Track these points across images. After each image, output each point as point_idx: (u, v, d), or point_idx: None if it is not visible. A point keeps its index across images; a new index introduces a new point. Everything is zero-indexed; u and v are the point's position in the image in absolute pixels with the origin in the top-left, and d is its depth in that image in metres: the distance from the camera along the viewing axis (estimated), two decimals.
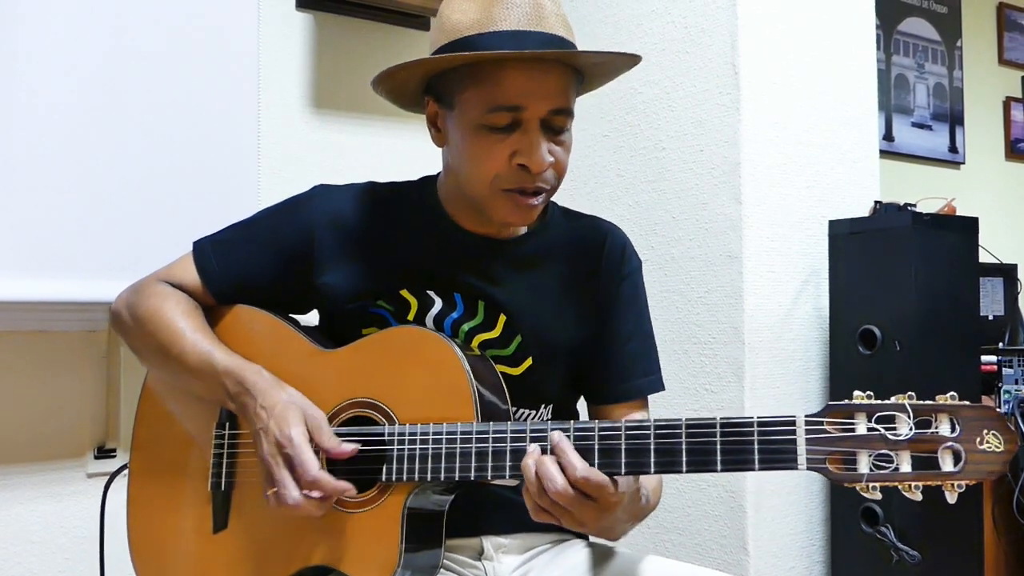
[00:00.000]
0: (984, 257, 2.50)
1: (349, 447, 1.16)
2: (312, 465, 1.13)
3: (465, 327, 1.30)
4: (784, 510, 2.26)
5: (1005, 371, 2.66)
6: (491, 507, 1.31)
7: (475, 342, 1.30)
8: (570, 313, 1.33)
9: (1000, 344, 2.88)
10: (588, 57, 1.22)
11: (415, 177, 1.41)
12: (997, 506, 2.58)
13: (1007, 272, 3.21)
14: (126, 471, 1.40)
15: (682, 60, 2.38)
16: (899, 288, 2.15)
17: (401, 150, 2.46)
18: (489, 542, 1.33)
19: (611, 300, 1.35)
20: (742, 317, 2.23)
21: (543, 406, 1.34)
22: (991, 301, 3.13)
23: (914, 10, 3.89)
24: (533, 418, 1.32)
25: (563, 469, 1.05)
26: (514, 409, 1.27)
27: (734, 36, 2.26)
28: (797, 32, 2.36)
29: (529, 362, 1.31)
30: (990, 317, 3.10)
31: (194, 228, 1.48)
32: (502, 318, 1.30)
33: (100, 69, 1.89)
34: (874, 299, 2.19)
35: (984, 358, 2.48)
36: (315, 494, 1.13)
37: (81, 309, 2.03)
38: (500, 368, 1.28)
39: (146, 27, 1.94)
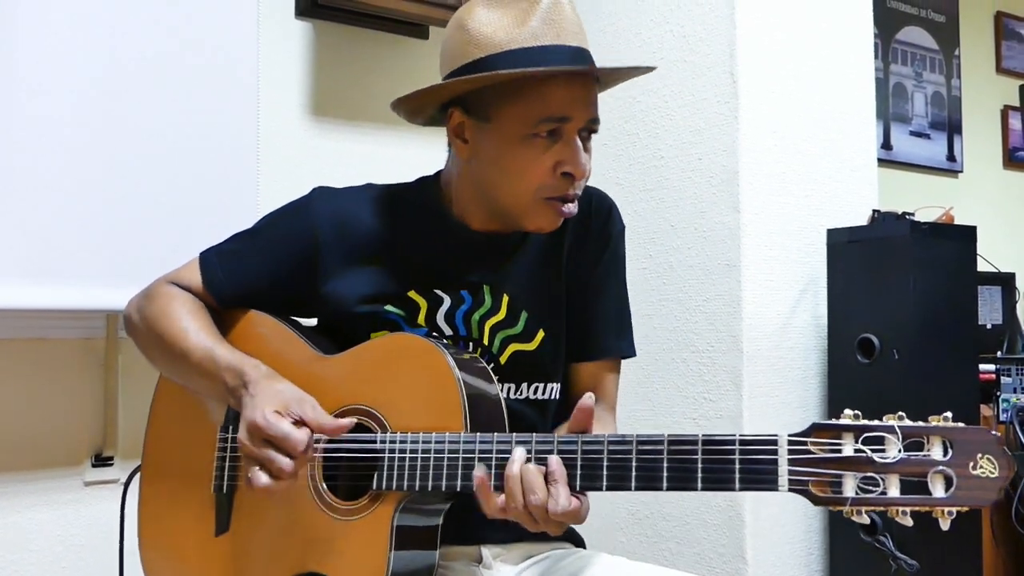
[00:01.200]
0: (982, 266, 2.50)
1: (344, 421, 1.17)
2: (290, 429, 1.13)
3: (475, 316, 1.32)
4: (782, 519, 2.26)
5: (1003, 380, 2.66)
6: None
7: (487, 328, 1.32)
8: (567, 278, 1.36)
9: (998, 353, 2.88)
10: (623, 73, 1.30)
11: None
12: (995, 515, 2.58)
13: (1005, 280, 3.21)
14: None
15: (681, 69, 2.38)
16: (897, 296, 2.15)
17: (400, 158, 2.46)
18: (487, 550, 1.33)
19: (595, 261, 1.38)
20: (740, 326, 2.23)
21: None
22: (989, 310, 3.13)
23: (912, 19, 3.90)
24: (554, 392, 1.35)
25: (549, 495, 1.05)
26: (540, 385, 1.32)
27: (732, 45, 2.26)
28: (795, 41, 2.36)
29: (541, 334, 1.33)
30: (988, 326, 3.10)
31: (193, 235, 1.48)
32: (505, 298, 1.32)
33: (99, 76, 1.89)
34: (872, 308, 2.19)
35: (982, 367, 2.48)
36: (304, 432, 1.14)
37: (79, 317, 2.03)
38: (516, 347, 1.31)
39: (146, 34, 1.95)
